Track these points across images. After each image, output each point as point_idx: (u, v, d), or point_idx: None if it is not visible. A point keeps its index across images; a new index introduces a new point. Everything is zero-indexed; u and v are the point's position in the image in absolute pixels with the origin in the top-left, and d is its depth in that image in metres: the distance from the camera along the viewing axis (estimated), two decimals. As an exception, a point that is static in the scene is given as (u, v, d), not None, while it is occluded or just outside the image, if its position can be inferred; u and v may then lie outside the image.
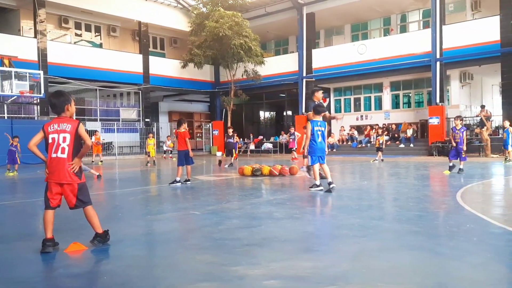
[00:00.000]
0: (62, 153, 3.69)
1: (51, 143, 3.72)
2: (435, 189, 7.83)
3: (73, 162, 3.69)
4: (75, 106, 3.97)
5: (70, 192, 3.68)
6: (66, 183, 3.67)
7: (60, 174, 3.67)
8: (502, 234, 3.95)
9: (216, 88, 29.22)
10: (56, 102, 3.83)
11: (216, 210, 5.62)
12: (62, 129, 3.73)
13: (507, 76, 18.46)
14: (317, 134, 7.34)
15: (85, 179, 3.82)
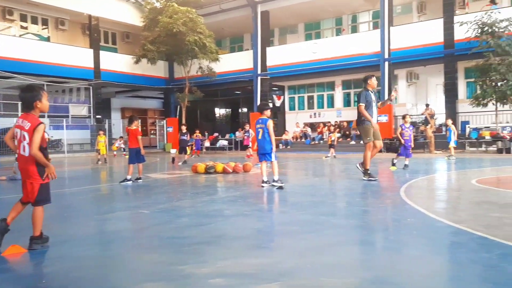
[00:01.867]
0: (23, 151, 3.57)
1: (17, 139, 3.61)
2: (382, 185, 8.12)
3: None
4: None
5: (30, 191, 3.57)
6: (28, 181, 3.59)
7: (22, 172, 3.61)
8: (439, 227, 4.17)
9: (171, 85, 28.82)
10: (23, 97, 3.63)
11: (166, 208, 5.57)
12: (23, 126, 3.57)
13: (449, 77, 19.44)
14: (258, 131, 7.50)
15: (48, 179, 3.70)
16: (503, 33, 16.33)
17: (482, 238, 3.64)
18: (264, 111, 7.64)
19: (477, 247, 3.43)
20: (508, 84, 16.03)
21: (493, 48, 16.32)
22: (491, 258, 3.11)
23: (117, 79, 26.38)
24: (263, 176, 7.54)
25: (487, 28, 16.58)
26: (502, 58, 16.12)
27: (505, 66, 15.94)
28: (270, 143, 7.44)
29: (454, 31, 18.76)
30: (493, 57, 16.35)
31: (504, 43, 16.10)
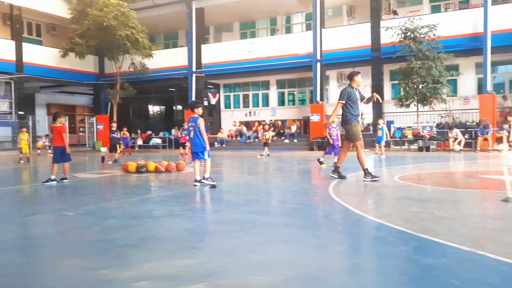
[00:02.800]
0: None
1: None
2: (312, 182, 8.38)
3: None
4: None
5: None
6: None
7: None
8: (363, 223, 4.37)
9: (101, 80, 27.65)
10: None
11: (92, 210, 5.33)
12: None
13: (376, 78, 20.45)
14: (190, 130, 7.46)
15: None
16: (424, 38, 17.46)
17: (400, 232, 3.86)
18: (195, 109, 7.57)
19: (395, 240, 3.64)
20: (428, 87, 17.17)
21: (415, 52, 17.40)
22: (407, 250, 3.30)
23: (42, 73, 24.85)
24: (196, 175, 7.48)
25: (410, 34, 17.63)
26: (423, 62, 17.24)
27: (425, 70, 17.06)
28: (202, 142, 7.39)
29: (380, 35, 19.75)
30: (414, 61, 17.43)
31: (424, 48, 17.22)
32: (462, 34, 18.46)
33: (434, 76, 16.95)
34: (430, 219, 4.42)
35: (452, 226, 4.11)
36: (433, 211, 4.82)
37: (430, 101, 17.33)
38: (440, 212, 4.73)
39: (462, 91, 20.53)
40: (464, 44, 18.40)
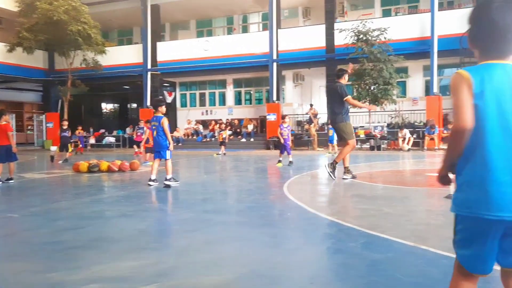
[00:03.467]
0: None
1: None
2: (267, 181, 8.47)
3: None
4: None
5: None
6: None
7: None
8: (315, 220, 4.48)
9: (51, 77, 26.51)
10: None
11: (39, 211, 5.15)
12: None
13: (330, 79, 20.87)
14: (153, 129, 7.38)
15: None
16: (375, 41, 18.04)
17: (350, 229, 3.99)
18: (159, 108, 7.47)
19: (345, 237, 3.76)
20: (379, 88, 17.76)
21: (367, 54, 17.94)
22: (356, 246, 3.42)
23: (-14, 68, 23.54)
24: (152, 174, 7.37)
25: (362, 36, 18.16)
26: (374, 64, 17.81)
27: (377, 72, 17.63)
28: (165, 141, 7.31)
29: (334, 37, 20.19)
30: (367, 63, 17.97)
31: (376, 50, 17.79)
32: (411, 38, 19.22)
33: (385, 78, 17.56)
34: (378, 215, 4.60)
35: (399, 222, 4.29)
36: (381, 208, 5.02)
37: (381, 101, 17.93)
38: (388, 209, 4.93)
39: (411, 92, 21.40)
40: (412, 47, 19.16)
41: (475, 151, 1.58)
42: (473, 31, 1.66)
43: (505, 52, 1.61)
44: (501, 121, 1.55)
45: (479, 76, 1.59)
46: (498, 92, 1.56)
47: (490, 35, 1.59)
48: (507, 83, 1.57)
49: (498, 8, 1.56)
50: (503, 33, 1.56)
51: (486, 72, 1.59)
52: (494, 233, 1.57)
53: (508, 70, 1.59)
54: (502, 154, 1.54)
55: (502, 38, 1.58)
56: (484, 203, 1.55)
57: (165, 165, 7.42)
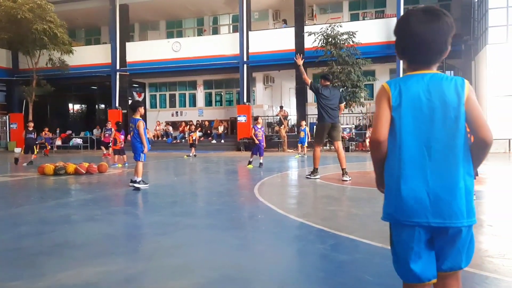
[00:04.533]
0: None
1: None
2: (238, 183, 8.47)
3: None
4: None
5: None
6: None
7: None
8: (285, 222, 4.51)
9: (15, 76, 25.66)
10: None
11: (1, 216, 4.97)
12: None
13: (300, 81, 21.10)
14: (130, 131, 7.32)
15: None
16: (344, 45, 18.35)
17: (319, 230, 4.04)
18: (138, 109, 7.39)
19: (314, 239, 3.81)
20: (347, 91, 18.07)
21: (335, 57, 18.22)
22: (325, 248, 3.47)
23: None
24: (134, 176, 7.31)
25: (331, 40, 18.44)
26: (343, 67, 18.11)
27: (345, 75, 17.95)
28: (139, 143, 7.23)
29: (304, 40, 20.41)
30: (335, 65, 18.26)
31: (344, 53, 18.11)
32: (378, 42, 19.63)
33: (353, 81, 17.89)
34: (346, 217, 4.69)
35: (365, 223, 4.38)
36: (349, 209, 5.11)
37: (350, 104, 18.24)
38: (355, 210, 5.02)
39: (379, 95, 21.86)
40: (379, 51, 19.58)
41: (393, 161, 1.64)
42: (398, 43, 1.72)
43: (427, 62, 1.65)
44: (415, 132, 1.60)
45: (398, 89, 1.64)
46: (413, 103, 1.61)
47: (412, 47, 1.64)
48: (422, 92, 1.61)
49: (417, 20, 1.60)
50: (424, 44, 1.61)
51: (404, 84, 1.64)
52: (417, 239, 1.61)
53: (426, 80, 1.63)
54: (415, 163, 1.59)
55: (423, 48, 1.62)
56: (400, 209, 1.61)
57: (135, 167, 7.33)
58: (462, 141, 1.58)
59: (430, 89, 1.61)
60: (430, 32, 1.60)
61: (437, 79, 1.63)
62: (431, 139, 1.59)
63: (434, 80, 1.63)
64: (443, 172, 1.57)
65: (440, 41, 1.62)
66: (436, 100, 1.60)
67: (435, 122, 1.59)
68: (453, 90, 1.59)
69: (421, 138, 1.60)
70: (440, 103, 1.59)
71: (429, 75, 1.64)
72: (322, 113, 7.98)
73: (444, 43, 1.62)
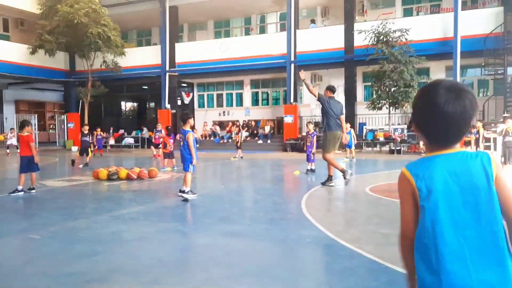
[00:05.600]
0: None
1: None
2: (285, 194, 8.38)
3: None
4: None
5: None
6: None
7: None
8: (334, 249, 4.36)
9: (71, 78, 26.92)
10: None
11: (59, 232, 5.18)
12: None
13: (348, 81, 20.67)
14: (181, 141, 7.45)
15: None
16: (396, 42, 17.70)
17: (371, 262, 3.88)
18: (187, 121, 7.51)
19: (366, 273, 3.66)
20: (399, 91, 17.43)
21: (387, 56, 17.62)
22: (378, 286, 3.33)
23: (10, 70, 23.94)
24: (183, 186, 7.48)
25: (382, 37, 17.85)
26: (395, 66, 17.50)
27: (397, 74, 17.32)
28: (189, 155, 7.35)
29: (354, 37, 19.91)
30: (387, 64, 17.67)
31: (397, 52, 17.47)
32: (433, 39, 18.80)
33: (405, 80, 17.24)
34: (399, 244, 4.47)
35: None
36: (402, 233, 4.88)
37: (402, 104, 17.63)
38: (409, 235, 4.78)
39: (433, 93, 20.91)
40: (434, 48, 18.75)
41: (427, 255, 1.47)
42: (419, 117, 1.57)
43: (451, 141, 1.52)
44: (448, 221, 1.44)
45: (422, 175, 1.49)
46: (442, 190, 1.46)
47: (437, 126, 1.50)
48: (449, 176, 1.46)
49: (444, 98, 1.47)
50: (451, 124, 1.48)
51: (428, 168, 1.49)
52: None
53: (451, 161, 1.49)
54: (453, 255, 1.42)
55: (450, 129, 1.49)
56: None
57: (184, 177, 7.45)
58: (501, 224, 1.44)
59: (457, 171, 1.47)
60: (458, 112, 1.47)
61: (463, 159, 1.50)
62: (467, 226, 1.44)
63: (460, 160, 1.49)
64: (487, 262, 1.42)
65: (467, 121, 1.50)
66: (465, 183, 1.46)
67: (468, 208, 1.45)
68: (480, 169, 1.46)
69: (456, 227, 1.45)
70: (469, 185, 1.45)
71: (453, 155, 1.51)
72: (332, 122, 8.37)
73: (470, 123, 1.50)
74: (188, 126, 7.50)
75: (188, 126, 7.51)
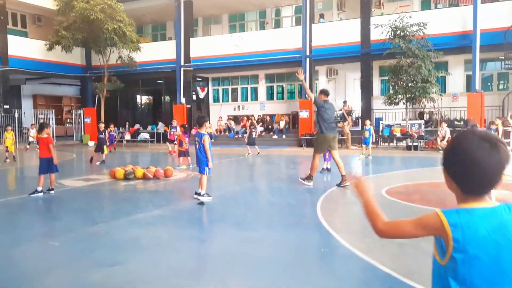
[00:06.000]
0: None
1: None
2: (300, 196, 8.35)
3: None
4: None
5: None
6: None
7: None
8: (349, 260, 4.36)
9: (88, 73, 27.23)
10: None
11: (79, 237, 5.28)
12: None
13: (365, 75, 20.45)
14: (196, 144, 7.48)
15: None
16: (413, 37, 17.42)
17: (386, 276, 3.86)
18: (203, 124, 7.58)
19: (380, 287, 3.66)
20: (416, 86, 17.17)
21: (404, 50, 17.36)
22: (392, 302, 3.33)
23: (28, 66, 24.36)
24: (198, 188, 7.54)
25: (399, 32, 17.58)
26: (412, 61, 17.23)
27: (415, 69, 17.06)
28: (205, 158, 7.39)
29: (370, 31, 19.66)
30: (404, 59, 17.42)
31: (414, 46, 17.19)
32: (452, 32, 18.44)
33: (423, 75, 16.97)
34: (416, 255, 4.44)
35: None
36: (419, 243, 4.84)
37: (419, 100, 17.39)
38: (427, 245, 4.74)
39: (451, 88, 20.59)
40: (453, 42, 18.41)
41: None
42: (452, 167, 1.55)
43: (485, 193, 1.51)
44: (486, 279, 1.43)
45: (464, 227, 1.46)
46: (481, 246, 1.43)
47: (472, 177, 1.48)
48: (487, 232, 1.44)
49: (479, 149, 1.46)
50: (487, 176, 1.46)
51: (467, 221, 1.47)
52: None
53: (489, 215, 1.47)
54: None
55: (486, 180, 1.48)
56: None
57: (200, 179, 7.50)
58: None
59: (494, 227, 1.46)
60: (493, 164, 1.46)
61: (499, 213, 1.48)
62: (503, 283, 1.44)
63: (497, 215, 1.48)
64: None
65: (501, 172, 1.48)
66: (504, 240, 1.44)
67: (506, 264, 1.44)
68: None
69: (492, 284, 1.45)
70: (507, 242, 1.44)
71: (490, 209, 1.49)
72: (325, 125, 8.63)
73: (502, 173, 1.49)
74: (204, 129, 7.55)
75: (204, 129, 7.55)
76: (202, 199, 7.36)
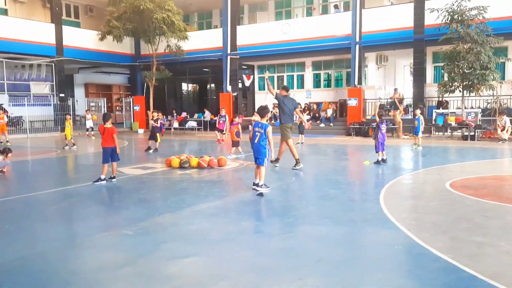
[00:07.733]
0: None
1: None
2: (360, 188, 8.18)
3: None
4: None
5: None
6: None
7: None
8: (426, 259, 4.20)
9: (137, 62, 27.88)
10: None
11: (148, 227, 5.40)
12: None
13: (418, 62, 19.73)
14: (255, 135, 7.44)
15: None
16: (472, 21, 16.55)
17: (471, 278, 3.68)
18: (266, 115, 7.61)
19: (467, 291, 3.51)
20: (475, 73, 16.35)
21: (462, 35, 16.54)
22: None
23: (81, 55, 25.26)
24: (255, 179, 7.57)
25: (457, 16, 16.75)
26: (470, 46, 16.41)
27: (474, 55, 16.24)
28: (265, 149, 7.38)
29: (424, 16, 18.87)
30: (461, 45, 16.62)
31: (473, 31, 16.35)
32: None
33: (483, 62, 16.12)
34: (497, 256, 4.24)
35: (524, 270, 3.92)
36: (499, 242, 4.62)
37: (477, 88, 16.58)
38: (508, 245, 4.52)
39: (511, 74, 19.50)
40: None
41: None
42: None
43: None
44: None
45: None
46: None
47: None
48: None
49: None
50: None
51: None
52: None
53: None
54: None
55: None
56: None
57: (259, 171, 7.50)
58: None
59: None
60: None
61: None
62: None
63: None
64: None
65: None
66: None
67: None
68: None
69: None
70: None
71: None
72: (286, 117, 10.29)
73: None
74: (265, 120, 7.53)
75: (265, 120, 7.53)
76: (261, 190, 7.37)
